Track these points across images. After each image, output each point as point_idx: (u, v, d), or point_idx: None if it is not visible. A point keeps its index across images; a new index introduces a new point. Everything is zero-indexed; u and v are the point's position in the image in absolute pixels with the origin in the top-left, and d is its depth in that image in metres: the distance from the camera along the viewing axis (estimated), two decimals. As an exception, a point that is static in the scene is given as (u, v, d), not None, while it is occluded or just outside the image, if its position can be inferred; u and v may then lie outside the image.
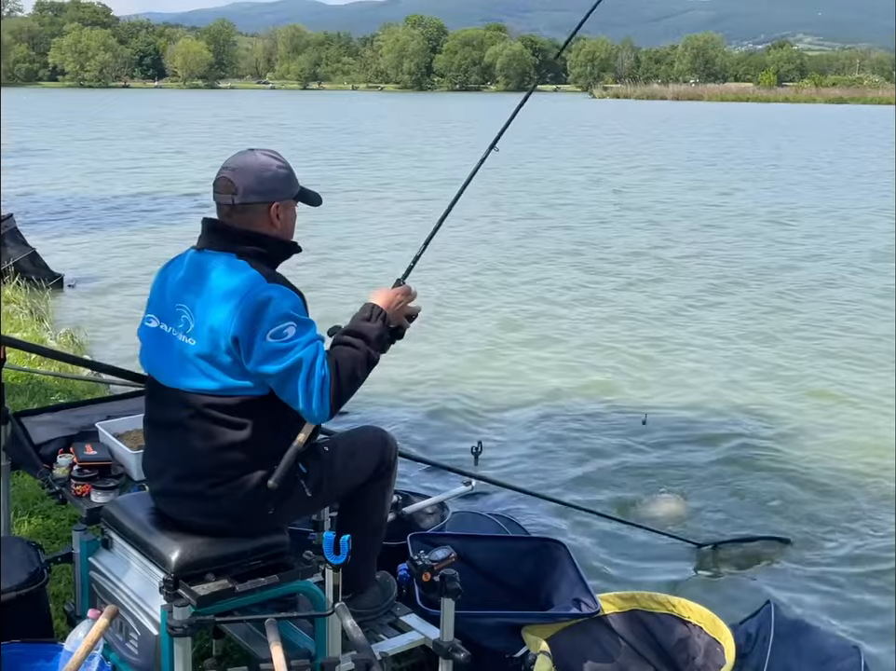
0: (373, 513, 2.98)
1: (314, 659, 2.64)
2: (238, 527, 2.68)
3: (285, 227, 2.76)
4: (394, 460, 3.01)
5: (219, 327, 2.55)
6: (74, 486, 3.24)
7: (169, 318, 2.70)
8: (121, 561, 2.85)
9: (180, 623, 2.49)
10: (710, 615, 3.09)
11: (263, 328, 2.53)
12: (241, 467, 2.63)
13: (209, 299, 2.60)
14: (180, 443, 2.67)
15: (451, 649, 2.84)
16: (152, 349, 2.75)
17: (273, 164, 2.73)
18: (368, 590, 3.00)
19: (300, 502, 2.73)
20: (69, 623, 3.09)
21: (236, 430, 2.60)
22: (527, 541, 3.63)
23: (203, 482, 2.65)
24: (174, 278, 2.74)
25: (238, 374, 2.57)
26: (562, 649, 3.03)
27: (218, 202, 2.73)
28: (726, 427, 6.71)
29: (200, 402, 2.60)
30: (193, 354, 2.60)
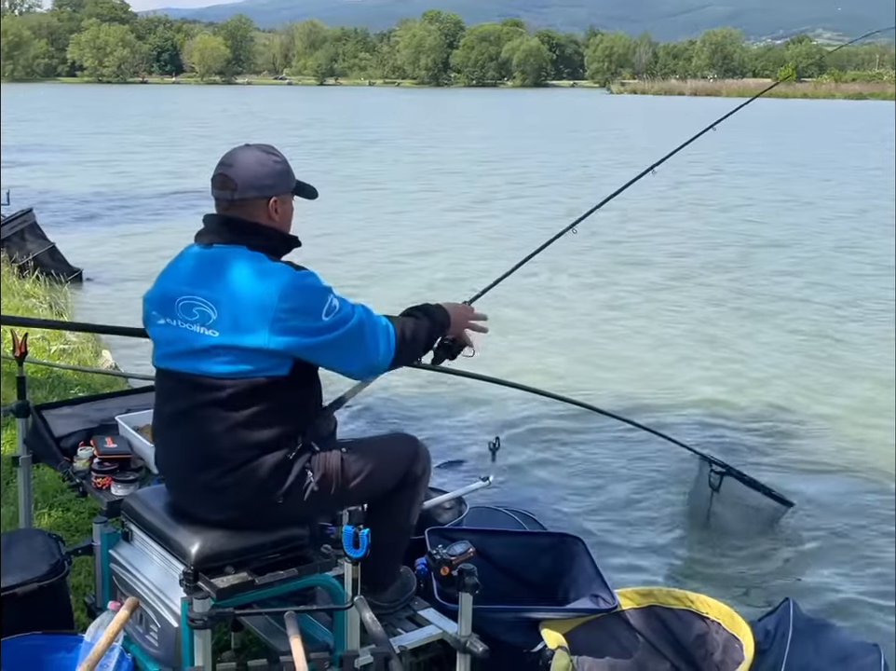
0: (399, 517, 2.96)
1: (333, 652, 2.65)
2: (248, 519, 2.69)
3: (283, 221, 2.79)
4: (424, 472, 2.98)
5: (262, 321, 2.56)
6: (95, 478, 3.26)
7: (174, 312, 2.70)
8: (141, 554, 2.86)
9: (200, 616, 2.49)
10: (728, 611, 3.09)
11: (317, 311, 2.61)
12: (252, 452, 2.63)
13: (237, 291, 2.60)
14: (191, 432, 2.68)
15: (468, 643, 2.84)
16: (165, 345, 2.76)
17: (269, 159, 2.76)
18: (390, 587, 3.01)
19: (308, 497, 2.72)
20: (89, 614, 3.11)
21: (249, 414, 2.62)
22: (545, 537, 3.62)
23: (213, 471, 2.65)
24: (176, 275, 2.75)
25: (266, 359, 2.60)
26: (579, 644, 3.03)
27: (217, 198, 2.76)
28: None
29: (218, 386, 2.62)
30: (215, 345, 2.61)
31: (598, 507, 5.31)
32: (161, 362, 2.78)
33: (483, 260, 11.79)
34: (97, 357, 7.33)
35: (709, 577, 4.61)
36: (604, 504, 5.35)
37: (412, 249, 13.08)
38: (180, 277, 2.74)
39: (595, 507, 5.31)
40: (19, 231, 10.66)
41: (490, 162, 25.12)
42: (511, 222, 15.19)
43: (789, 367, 8.09)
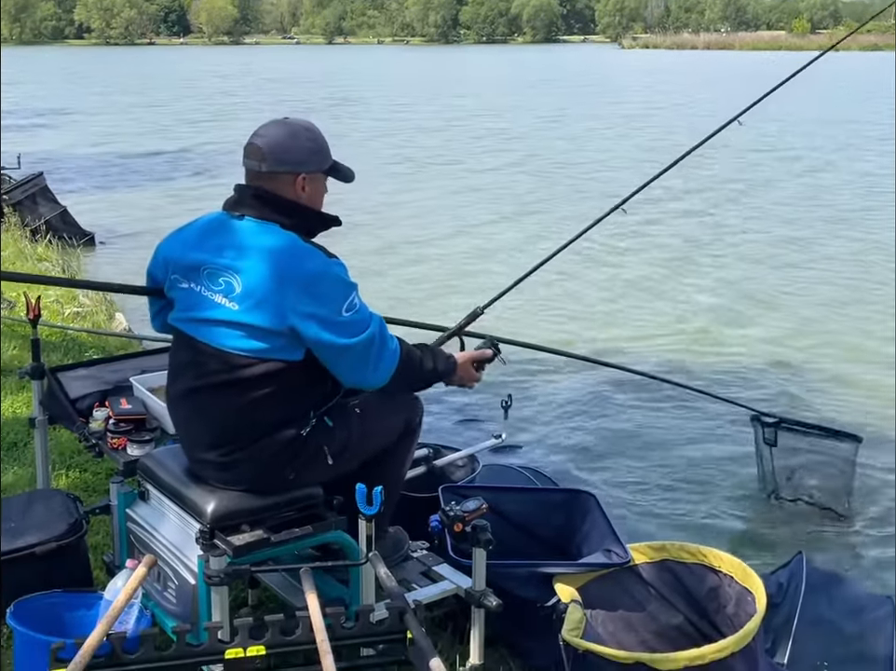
0: (395, 469, 2.99)
1: (348, 607, 2.68)
2: (258, 491, 2.70)
3: (311, 200, 2.74)
4: (419, 423, 3.03)
5: (282, 302, 2.54)
6: (111, 439, 3.29)
7: (198, 278, 2.69)
8: (158, 512, 2.90)
9: (216, 573, 2.53)
10: (740, 565, 3.10)
11: (337, 304, 2.57)
12: (263, 430, 2.64)
13: (264, 269, 2.57)
14: (202, 406, 2.69)
15: (482, 598, 2.87)
16: (185, 309, 2.75)
17: (303, 134, 2.72)
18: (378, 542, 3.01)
19: (320, 469, 2.74)
20: (108, 573, 3.15)
21: (262, 394, 2.61)
22: (558, 493, 3.64)
23: (223, 448, 2.67)
24: (203, 241, 2.72)
25: (282, 341, 2.58)
26: (592, 598, 3.05)
27: (246, 167, 2.73)
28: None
29: (235, 362, 2.61)
30: (235, 319, 2.59)
31: (611, 464, 5.33)
32: (180, 323, 2.78)
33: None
34: (110, 320, 7.36)
35: (721, 532, 4.64)
36: (617, 462, 5.37)
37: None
38: (207, 244, 2.70)
39: (608, 464, 5.33)
40: (30, 195, 10.67)
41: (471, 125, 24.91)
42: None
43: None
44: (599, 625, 3.05)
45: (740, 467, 5.33)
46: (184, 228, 2.84)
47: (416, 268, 9.76)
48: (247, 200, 2.69)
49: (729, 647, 2.72)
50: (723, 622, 3.09)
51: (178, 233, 2.85)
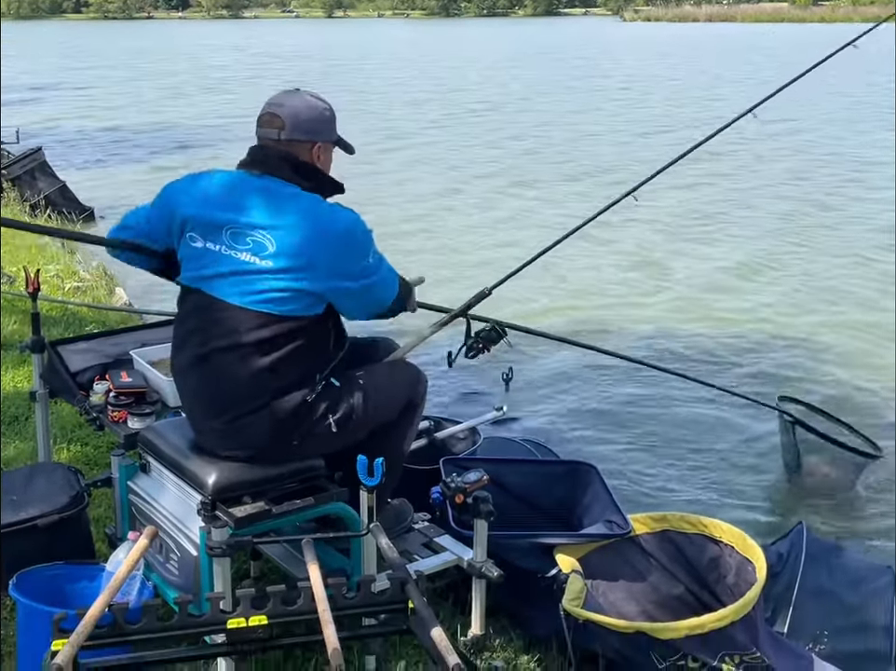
0: (398, 443, 2.99)
1: (350, 578, 2.69)
2: (262, 459, 2.71)
3: (323, 168, 2.83)
4: (423, 398, 3.03)
5: (320, 261, 2.61)
6: (111, 412, 3.29)
7: (219, 238, 2.68)
8: (159, 485, 2.90)
9: (218, 544, 2.53)
10: (741, 535, 3.11)
11: (364, 253, 2.71)
12: (272, 395, 2.65)
13: (298, 229, 2.61)
14: (217, 370, 2.68)
15: (484, 568, 2.89)
16: (201, 267, 2.73)
17: (318, 105, 2.82)
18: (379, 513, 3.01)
19: (324, 437, 2.75)
20: (110, 545, 3.16)
21: (281, 354, 2.64)
22: (559, 465, 3.65)
23: (231, 413, 2.67)
24: (223, 199, 2.72)
25: (311, 299, 2.64)
26: (593, 568, 3.07)
27: (260, 136, 2.78)
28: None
29: (258, 321, 2.62)
30: (269, 277, 2.61)
31: (613, 436, 5.34)
32: (197, 282, 2.74)
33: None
34: (110, 294, 7.35)
35: (723, 502, 4.65)
36: (619, 433, 5.37)
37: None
38: (229, 203, 2.70)
39: (610, 436, 5.34)
40: (29, 170, 10.62)
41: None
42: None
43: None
44: (600, 595, 3.07)
45: (747, 438, 5.36)
46: (198, 181, 2.82)
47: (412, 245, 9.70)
48: (271, 161, 2.73)
49: (729, 616, 2.74)
50: (723, 591, 3.10)
51: (191, 186, 2.82)
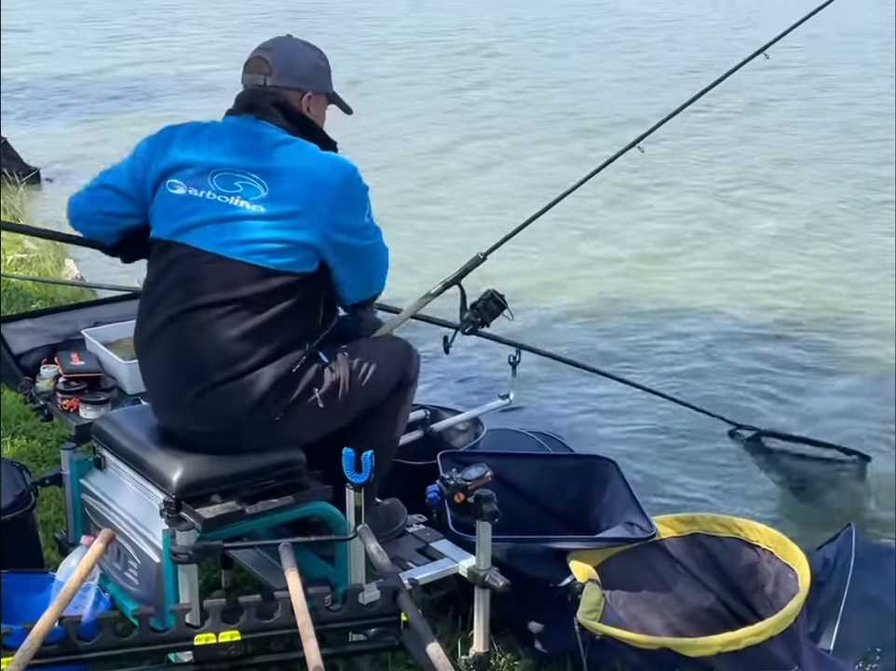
0: (382, 430, 3.00)
1: (334, 588, 2.69)
2: (238, 437, 2.72)
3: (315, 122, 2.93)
4: (416, 375, 3.07)
5: (318, 211, 2.69)
6: (61, 400, 3.28)
7: (205, 183, 2.74)
8: (116, 482, 2.90)
9: (184, 549, 2.53)
10: (780, 538, 3.11)
11: (363, 208, 2.82)
12: (256, 360, 2.67)
13: (294, 175, 2.70)
14: (195, 331, 2.70)
15: (487, 577, 2.88)
16: (180, 216, 2.75)
17: (311, 52, 2.95)
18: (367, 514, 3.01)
19: (309, 413, 2.76)
20: (61, 552, 3.16)
21: (268, 316, 2.68)
22: (573, 459, 3.66)
23: (207, 380, 2.68)
24: (209, 145, 2.80)
25: (305, 253, 2.70)
26: (612, 577, 3.08)
27: (246, 83, 2.87)
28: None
29: (247, 274, 2.67)
30: (261, 224, 2.68)
31: (634, 427, 5.33)
32: (173, 234, 2.76)
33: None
34: (59, 267, 7.31)
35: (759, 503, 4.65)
36: (641, 424, 5.36)
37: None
38: (215, 148, 2.79)
39: (631, 427, 5.32)
40: (-37, 125, 10.56)
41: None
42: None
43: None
44: (619, 608, 3.08)
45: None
46: (178, 130, 2.88)
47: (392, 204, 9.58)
48: (261, 106, 2.82)
49: (768, 630, 2.75)
50: (760, 602, 3.11)
51: (170, 136, 2.88)
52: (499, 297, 3.34)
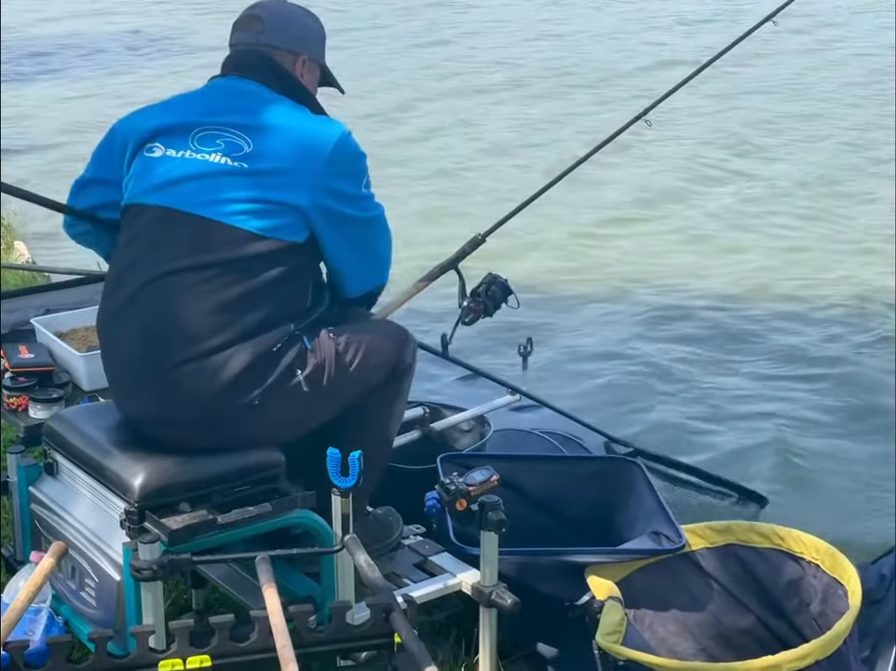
0: (374, 428, 3.03)
1: (319, 606, 2.69)
2: (212, 421, 2.73)
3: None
4: (413, 363, 3.09)
5: (305, 172, 2.77)
6: (7, 398, 3.29)
7: (185, 143, 2.82)
8: (70, 490, 2.91)
9: (147, 565, 2.53)
10: (828, 549, 3.10)
11: (360, 177, 2.90)
12: (233, 334, 2.69)
13: (283, 131, 2.80)
14: (168, 298, 2.72)
15: (494, 594, 2.88)
16: (156, 176, 2.82)
17: (307, 15, 3.08)
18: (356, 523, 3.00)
19: (292, 399, 2.77)
20: (8, 570, 3.16)
21: (254, 282, 2.72)
22: (592, 462, 3.68)
23: (180, 353, 2.69)
24: (191, 105, 2.93)
25: (290, 217, 2.76)
26: (637, 594, 3.08)
27: (237, 41, 3.00)
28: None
29: (227, 236, 2.73)
30: (241, 180, 2.75)
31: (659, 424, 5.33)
32: (144, 195, 2.83)
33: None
34: (9, 250, 7.33)
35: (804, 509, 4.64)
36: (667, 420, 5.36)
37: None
38: (197, 107, 2.91)
39: (656, 425, 5.32)
40: None
41: None
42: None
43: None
44: (645, 629, 3.08)
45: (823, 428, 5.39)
46: (154, 105, 3.03)
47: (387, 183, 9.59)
48: (250, 63, 2.93)
49: (813, 653, 2.74)
50: (805, 622, 3.11)
51: (147, 110, 3.01)
52: (503, 281, 3.41)
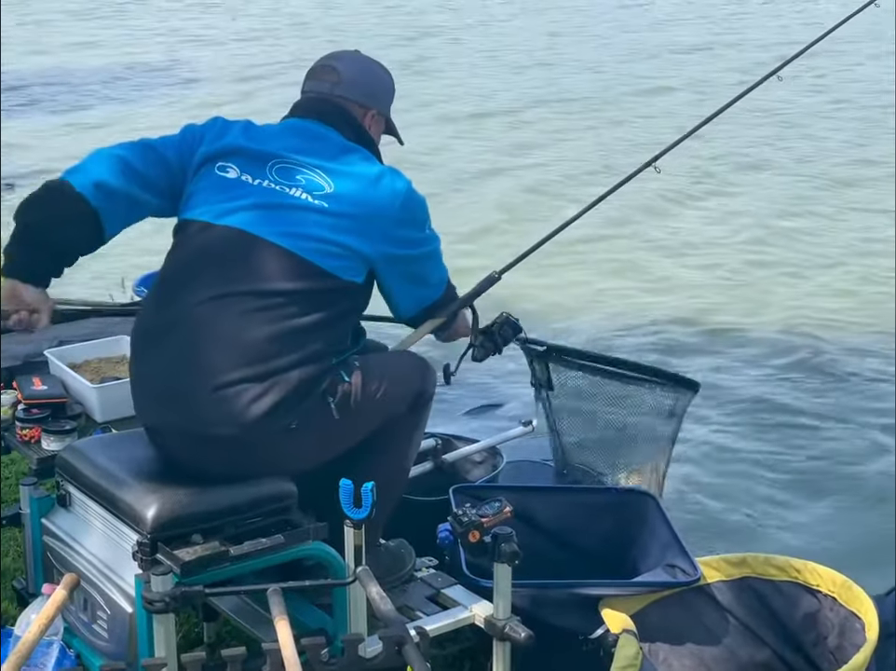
0: (394, 456, 3.07)
1: (331, 639, 2.68)
2: (249, 442, 2.74)
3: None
4: (432, 395, 3.15)
5: (375, 217, 2.88)
6: (20, 429, 3.31)
7: (262, 172, 2.90)
8: (83, 521, 2.91)
9: (160, 597, 2.53)
10: (845, 582, 3.09)
11: (423, 223, 3.05)
12: (287, 361, 2.73)
13: (358, 179, 2.91)
14: (228, 317, 2.76)
15: (507, 628, 2.87)
16: (231, 199, 2.87)
17: (382, 70, 3.21)
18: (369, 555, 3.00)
19: (325, 423, 2.82)
20: (20, 603, 3.17)
21: (310, 318, 2.78)
22: (605, 493, 3.67)
23: (229, 373, 2.72)
24: (267, 137, 3.01)
25: (355, 261, 2.86)
26: (652, 627, 3.06)
27: (309, 89, 3.11)
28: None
29: (296, 268, 2.79)
30: (321, 217, 2.84)
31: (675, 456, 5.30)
32: (216, 216, 2.87)
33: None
34: (21, 282, 7.35)
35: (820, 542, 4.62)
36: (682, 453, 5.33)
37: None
38: (275, 140, 2.99)
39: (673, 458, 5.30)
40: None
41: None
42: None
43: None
44: (660, 663, 3.06)
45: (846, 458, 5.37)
46: (231, 122, 3.09)
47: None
48: (325, 109, 3.05)
49: (831, 688, 2.73)
50: (822, 656, 3.10)
51: (223, 124, 3.08)
52: (514, 321, 3.47)
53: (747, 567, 3.23)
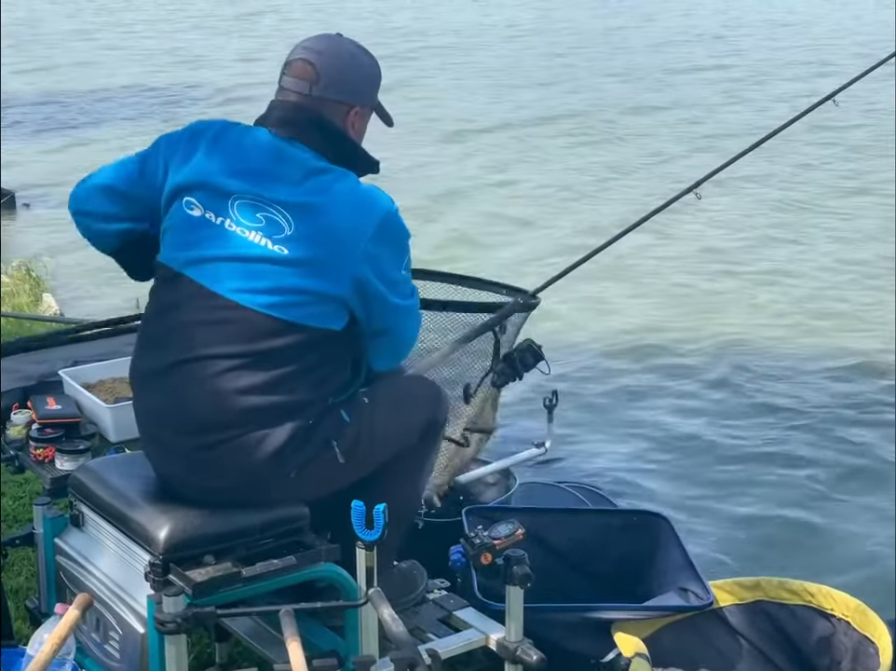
0: (404, 482, 3.02)
1: (343, 660, 2.68)
2: (246, 493, 2.73)
3: (357, 138, 2.91)
4: (445, 420, 3.11)
5: (348, 253, 2.69)
6: (34, 449, 3.29)
7: (224, 210, 2.74)
8: (95, 541, 2.91)
9: (171, 617, 2.53)
10: (859, 606, 3.09)
11: (400, 259, 2.81)
12: (273, 414, 2.68)
13: (326, 212, 2.70)
14: (203, 379, 2.70)
15: (519, 651, 2.87)
16: (195, 244, 2.75)
17: (364, 59, 2.91)
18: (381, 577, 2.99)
19: (328, 469, 2.78)
20: (32, 622, 3.17)
21: (287, 370, 2.68)
22: (618, 515, 3.69)
23: (218, 433, 2.69)
24: (234, 159, 2.79)
25: (331, 306, 2.71)
26: (664, 651, 3.06)
27: (285, 88, 2.84)
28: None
29: (262, 327, 2.67)
30: (280, 267, 2.68)
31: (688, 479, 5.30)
32: (183, 265, 2.76)
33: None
34: (37, 302, 7.40)
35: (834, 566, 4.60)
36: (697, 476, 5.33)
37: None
38: (241, 166, 2.77)
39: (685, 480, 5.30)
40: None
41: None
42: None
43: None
44: (673, 687, 3.05)
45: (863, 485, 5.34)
46: (203, 134, 2.85)
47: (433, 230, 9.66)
48: (299, 123, 2.79)
49: (845, 712, 2.72)
50: (836, 681, 3.08)
51: (195, 139, 2.85)
52: (536, 348, 3.39)
53: (761, 590, 3.22)
